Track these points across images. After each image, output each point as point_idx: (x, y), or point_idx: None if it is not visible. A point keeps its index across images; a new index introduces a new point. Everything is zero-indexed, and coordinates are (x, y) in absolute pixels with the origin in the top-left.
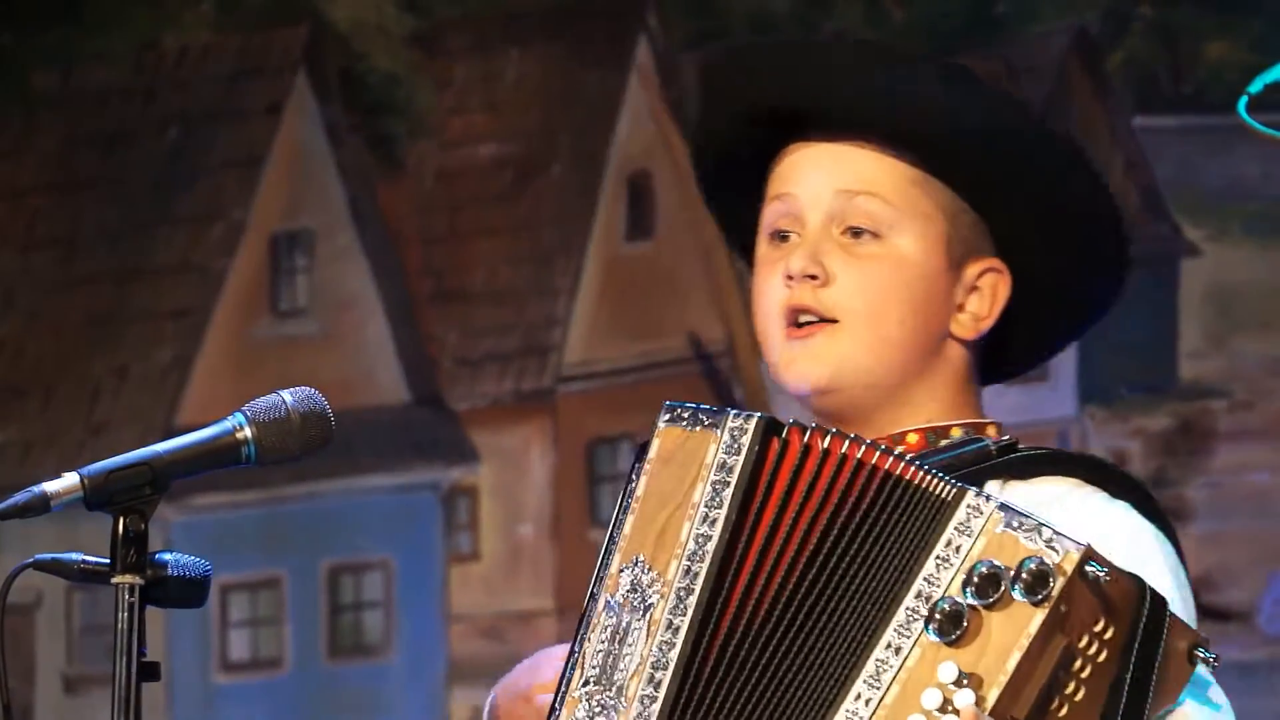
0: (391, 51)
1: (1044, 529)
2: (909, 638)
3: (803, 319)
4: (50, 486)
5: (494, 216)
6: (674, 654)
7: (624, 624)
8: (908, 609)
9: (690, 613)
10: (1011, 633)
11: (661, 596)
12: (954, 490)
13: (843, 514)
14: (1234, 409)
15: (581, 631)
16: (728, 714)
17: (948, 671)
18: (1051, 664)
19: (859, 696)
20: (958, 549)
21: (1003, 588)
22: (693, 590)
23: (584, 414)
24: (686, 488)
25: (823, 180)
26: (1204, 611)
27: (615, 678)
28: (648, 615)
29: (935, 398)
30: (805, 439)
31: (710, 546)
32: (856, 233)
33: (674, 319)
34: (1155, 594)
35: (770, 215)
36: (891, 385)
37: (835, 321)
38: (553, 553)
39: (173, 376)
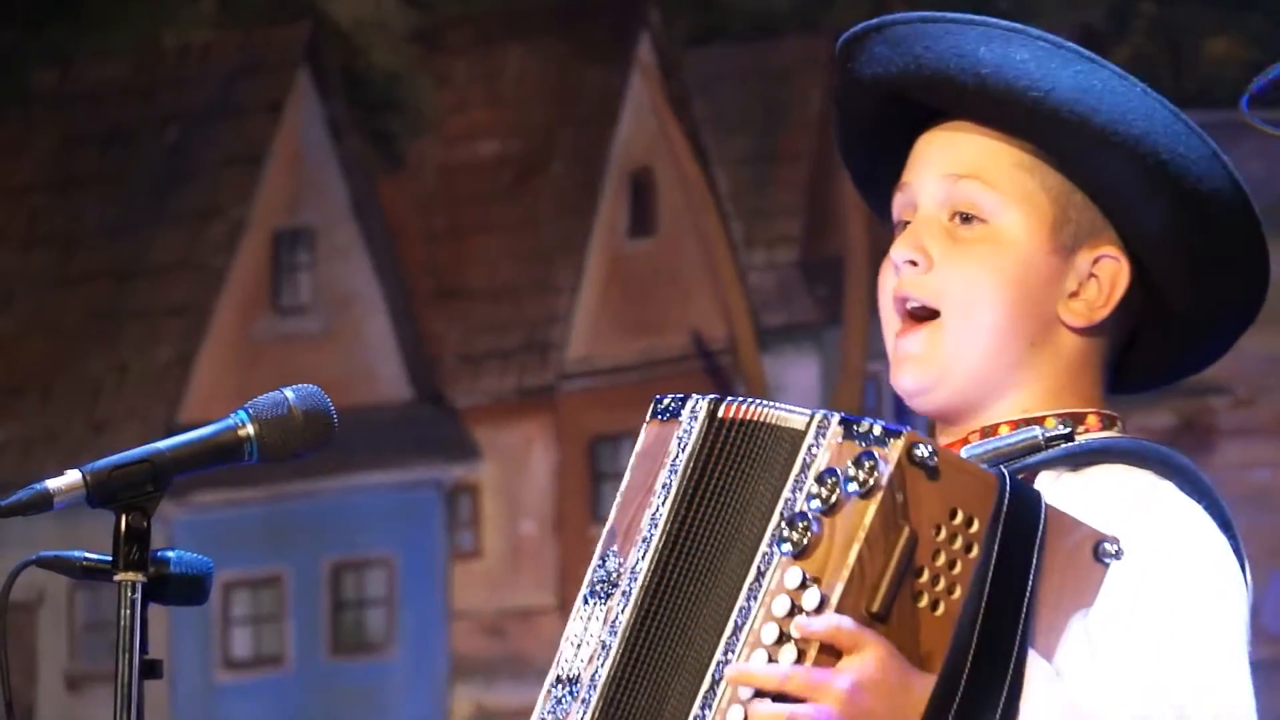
0: (393, 48)
1: (876, 425)
2: (770, 563)
3: (909, 305)
4: (52, 484)
5: (495, 213)
6: (615, 639)
7: (590, 613)
8: (771, 536)
9: (632, 595)
10: (849, 530)
11: (620, 584)
12: (804, 418)
13: (727, 472)
14: (1236, 406)
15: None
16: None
17: (793, 577)
18: (897, 554)
19: (735, 629)
20: (806, 467)
21: (839, 491)
22: (637, 574)
23: (586, 411)
24: (653, 476)
25: (932, 167)
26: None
27: (575, 666)
28: (607, 603)
29: (1038, 384)
30: (728, 412)
31: (656, 530)
32: (965, 218)
33: (676, 316)
34: (1020, 485)
35: (895, 208)
36: (994, 375)
37: (936, 314)
38: (555, 549)
39: (174, 374)
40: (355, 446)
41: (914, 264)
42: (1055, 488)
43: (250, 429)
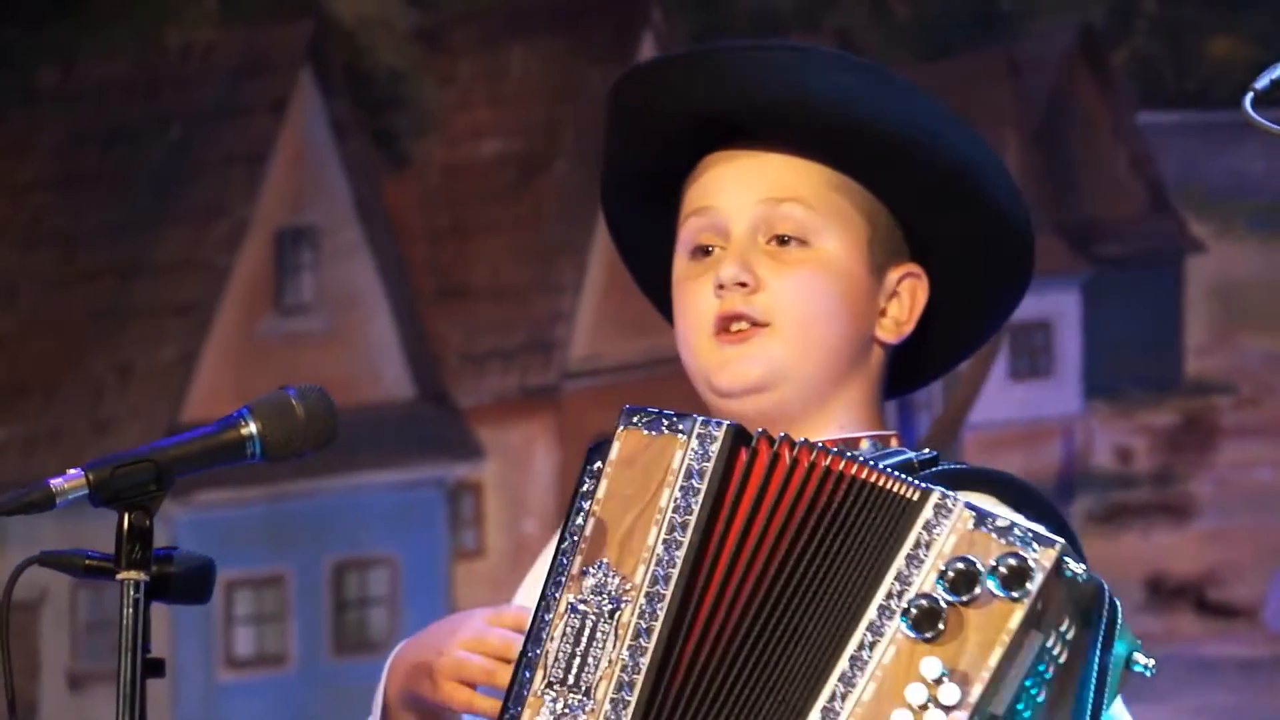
0: (396, 47)
1: (1017, 525)
2: (883, 635)
3: (735, 326)
4: (55, 482)
5: (499, 212)
6: (645, 659)
7: (589, 626)
8: (880, 606)
9: (661, 618)
10: (991, 629)
11: (629, 600)
12: (919, 490)
13: (811, 519)
14: (1239, 405)
15: (536, 630)
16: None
17: (931, 667)
18: (1027, 662)
19: (834, 696)
20: (928, 546)
21: (979, 584)
22: (663, 596)
23: (589, 410)
24: (652, 492)
25: (744, 190)
26: (1209, 608)
27: (582, 679)
28: (615, 618)
29: (852, 405)
30: (774, 448)
31: (680, 553)
32: (783, 240)
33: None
34: (1113, 598)
35: (690, 230)
36: (819, 389)
37: (767, 325)
38: None
39: (177, 373)
40: (358, 446)
41: (743, 284)
42: None
43: (253, 428)
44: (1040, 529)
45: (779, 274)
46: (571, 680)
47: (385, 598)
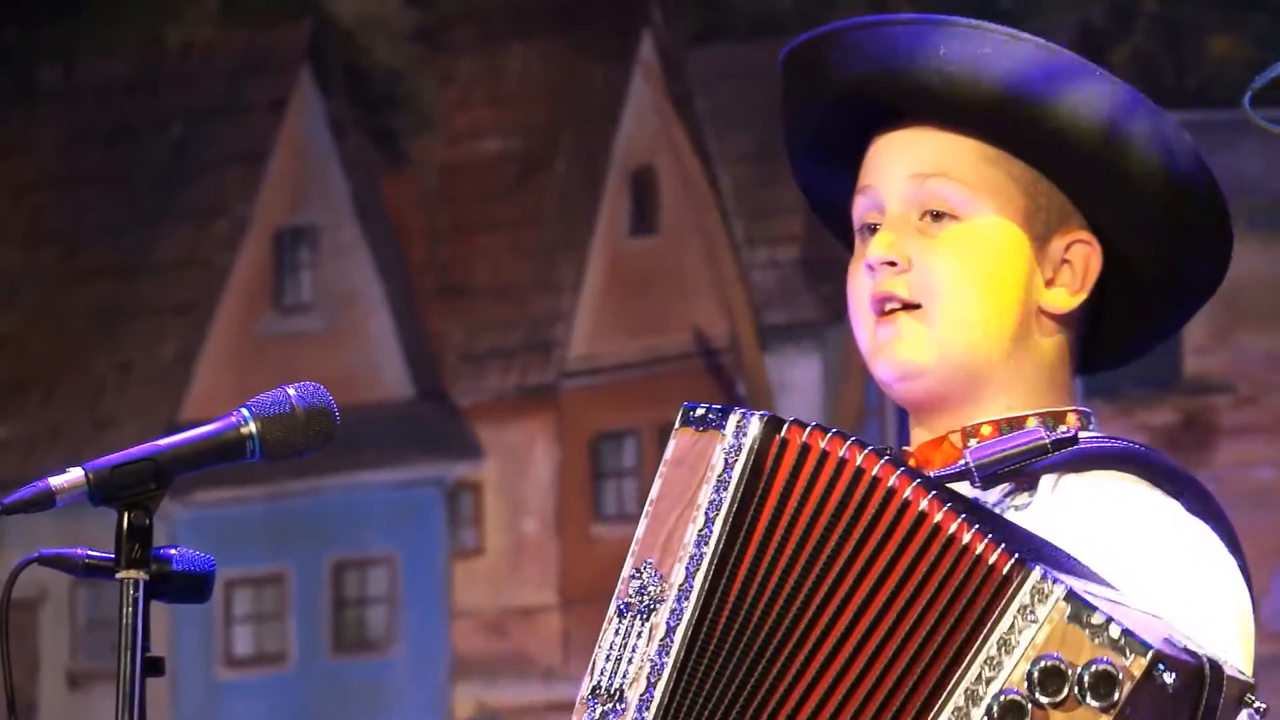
0: (395, 46)
1: (1112, 625)
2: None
3: (888, 306)
4: (55, 481)
5: (498, 211)
6: (669, 658)
7: (629, 628)
8: (968, 690)
9: (685, 615)
10: None
11: (663, 600)
12: (1018, 566)
13: (828, 518)
14: (1238, 404)
15: (599, 639)
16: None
17: None
18: None
19: None
20: (1021, 633)
21: (1067, 688)
22: (689, 593)
23: (588, 409)
24: (693, 490)
25: (896, 168)
26: None
27: (617, 683)
28: (650, 619)
29: (1020, 382)
30: (805, 437)
31: (707, 549)
32: (936, 216)
33: (678, 314)
34: (1215, 671)
35: (857, 210)
36: (980, 367)
37: (918, 306)
38: (557, 548)
39: (176, 372)
40: (357, 444)
41: (892, 264)
42: (1056, 492)
43: (252, 427)
44: (1137, 629)
45: (928, 251)
46: (610, 685)
47: (384, 596)
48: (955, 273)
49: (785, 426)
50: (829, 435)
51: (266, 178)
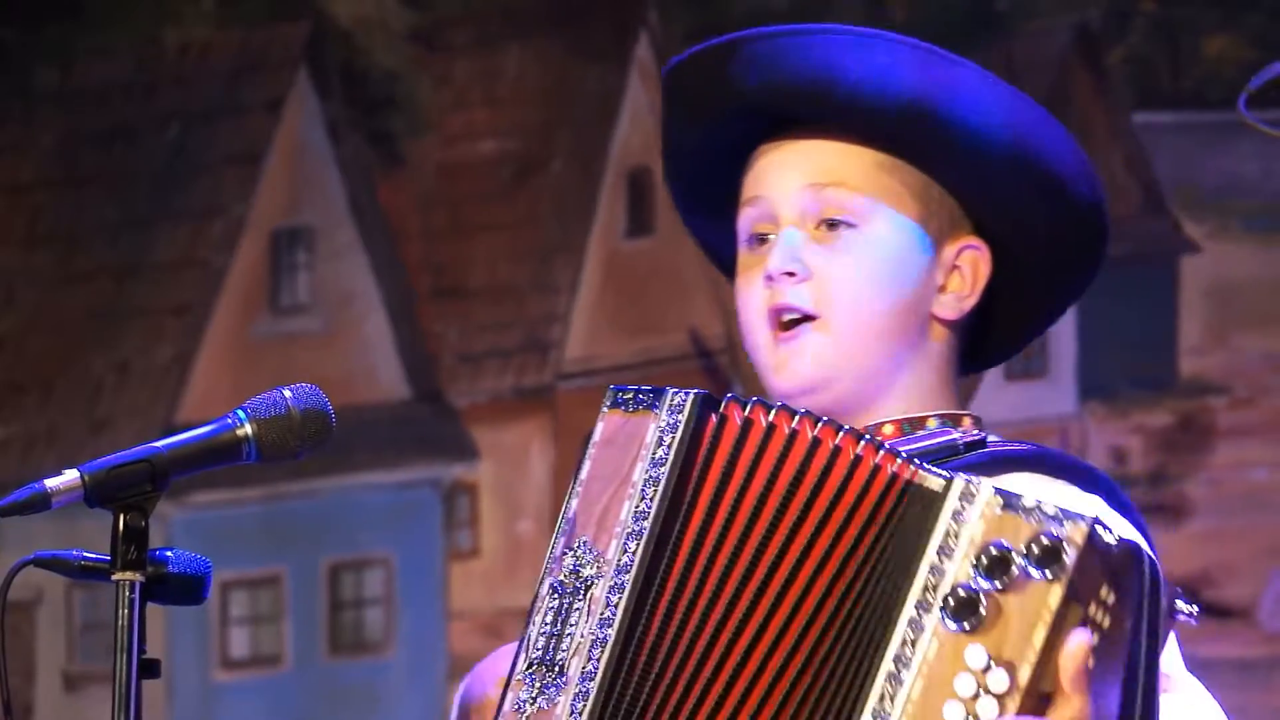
0: (392, 47)
1: (1045, 504)
2: (924, 630)
3: (786, 317)
4: (51, 483)
5: (494, 212)
6: (611, 630)
7: (566, 605)
8: (918, 601)
9: (627, 589)
10: (1032, 611)
11: (601, 575)
12: (942, 480)
13: (802, 491)
14: (1234, 405)
15: (530, 616)
16: (670, 688)
17: (976, 656)
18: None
19: (883, 696)
20: (956, 536)
21: (1014, 568)
22: (629, 567)
23: (584, 410)
24: (627, 467)
25: (791, 178)
26: (1205, 608)
27: (557, 658)
28: (588, 594)
29: (916, 386)
30: (746, 412)
31: (646, 523)
32: (832, 224)
33: (674, 315)
34: (1151, 556)
35: (745, 220)
36: (879, 374)
37: (817, 317)
38: None
39: (173, 373)
40: (353, 446)
41: (791, 274)
42: None
43: (248, 428)
44: (1069, 505)
45: (827, 260)
46: (549, 659)
47: (381, 598)
48: (855, 281)
49: (722, 403)
50: (774, 410)
51: (263, 179)
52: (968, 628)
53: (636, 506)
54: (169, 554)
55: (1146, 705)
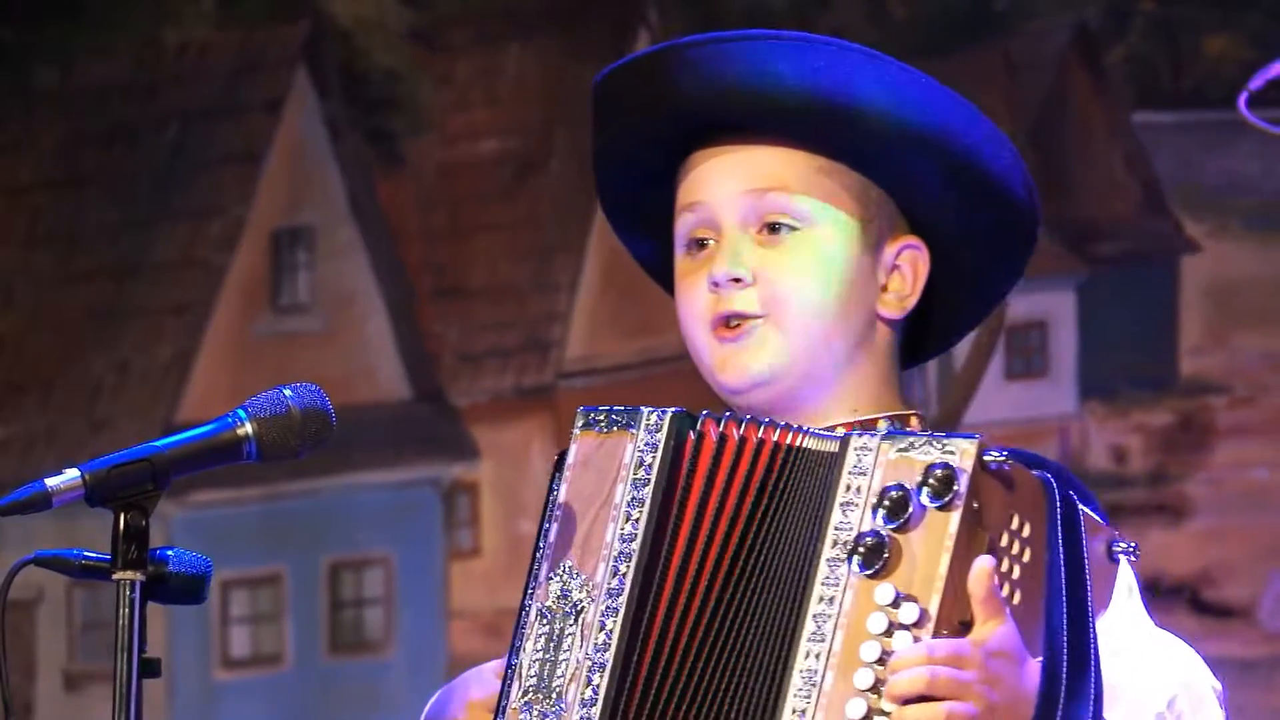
0: (392, 47)
1: (934, 438)
2: (838, 585)
3: (732, 323)
4: (51, 482)
5: (495, 212)
6: (609, 655)
7: (557, 630)
8: (829, 560)
9: (621, 612)
10: (934, 541)
11: (591, 599)
12: (838, 442)
13: (752, 495)
14: (1234, 405)
15: (516, 643)
16: (672, 706)
17: (885, 594)
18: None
19: (807, 654)
20: (859, 490)
21: (911, 505)
22: (621, 590)
23: None
24: (607, 489)
25: (730, 183)
26: (1204, 608)
27: (554, 684)
28: (580, 619)
29: (864, 385)
30: (720, 428)
31: (635, 545)
32: (774, 229)
33: (674, 315)
34: (1063, 489)
35: (684, 226)
36: (823, 373)
37: (763, 317)
38: None
39: (173, 372)
40: (354, 445)
41: (738, 280)
42: None
43: (249, 428)
44: (956, 433)
45: (770, 263)
46: (545, 686)
47: (381, 597)
48: (799, 283)
49: (699, 420)
50: (743, 423)
51: (263, 178)
52: (875, 571)
53: (622, 528)
54: (169, 553)
55: (1076, 636)
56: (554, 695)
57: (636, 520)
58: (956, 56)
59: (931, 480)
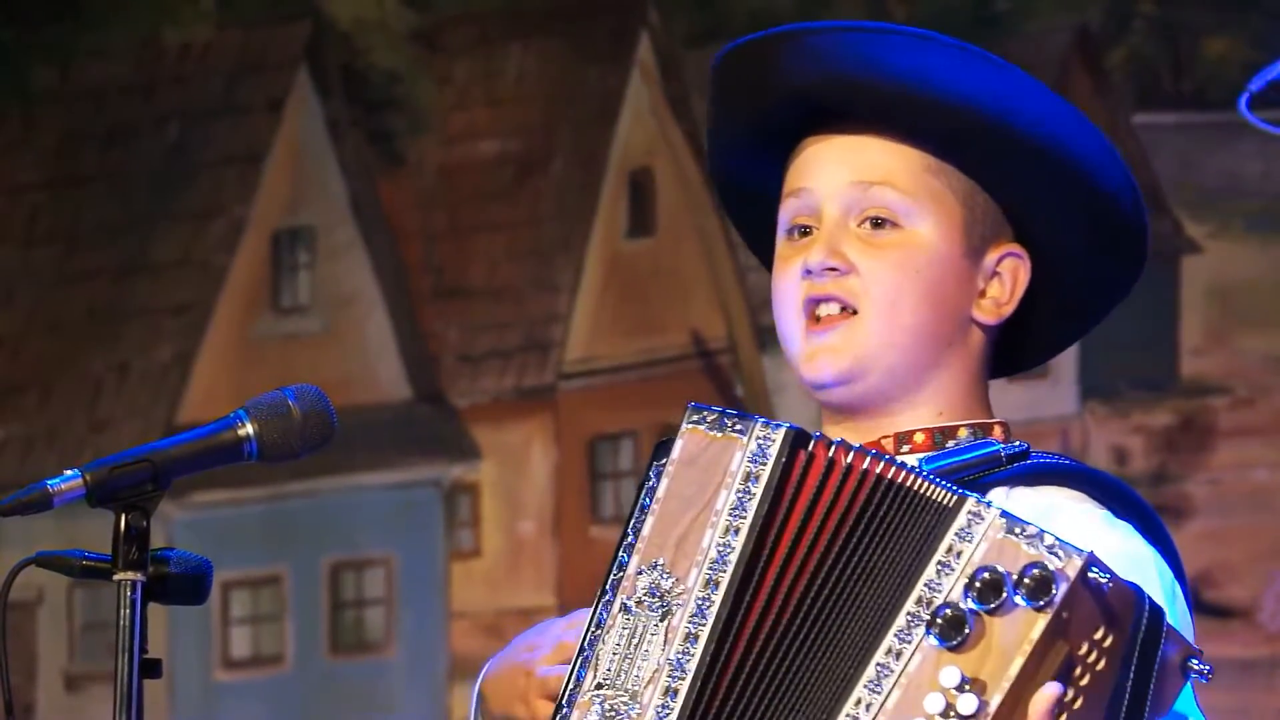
0: (393, 47)
1: (1046, 535)
2: (910, 643)
3: (822, 310)
4: (52, 483)
5: (495, 212)
6: (692, 664)
7: (640, 628)
8: (908, 614)
9: (710, 623)
10: (1014, 638)
11: (681, 604)
12: (955, 497)
13: (849, 525)
14: (1235, 406)
15: (593, 630)
16: None
17: (950, 676)
18: (1053, 670)
19: (859, 701)
20: (959, 554)
21: (1005, 593)
22: (713, 601)
23: (585, 410)
24: (710, 494)
25: (838, 173)
26: (1205, 609)
27: (630, 682)
28: (666, 621)
29: (951, 388)
30: (830, 453)
31: (733, 557)
32: (876, 223)
33: (675, 315)
34: (1153, 603)
35: (788, 211)
36: (911, 374)
37: (855, 312)
38: (554, 549)
39: (174, 373)
40: (355, 446)
41: (833, 269)
42: (1008, 501)
43: (250, 428)
44: (1069, 538)
45: (870, 257)
46: (621, 682)
47: (382, 598)
48: (895, 280)
49: (811, 441)
50: (853, 452)
51: (264, 179)
52: (950, 646)
53: (720, 538)
54: (170, 554)
55: None
56: (629, 692)
57: (737, 531)
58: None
59: (1029, 578)
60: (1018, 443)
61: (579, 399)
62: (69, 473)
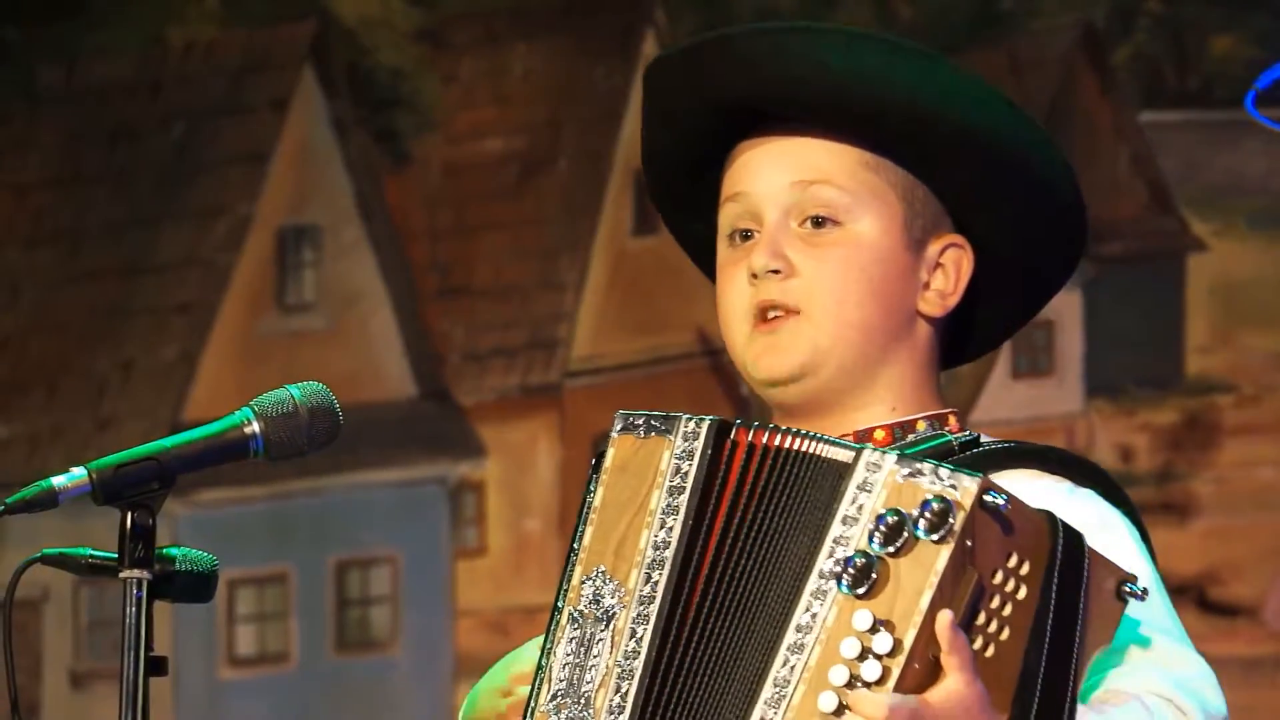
0: (398, 46)
1: (942, 469)
2: (824, 599)
3: (770, 314)
4: (58, 481)
5: (501, 211)
6: (638, 663)
7: (588, 635)
8: (820, 572)
9: (652, 621)
10: (920, 573)
11: (624, 606)
12: (851, 453)
13: (767, 502)
14: (1240, 404)
15: (547, 645)
16: (681, 713)
17: (863, 619)
18: (964, 600)
19: (785, 663)
20: (861, 506)
21: (906, 532)
22: (653, 598)
23: (591, 409)
24: (643, 495)
25: (776, 175)
26: (1211, 607)
27: (583, 690)
28: (611, 625)
29: (902, 383)
30: (750, 437)
31: (668, 553)
32: (817, 222)
33: (681, 313)
34: (1069, 527)
35: (727, 216)
36: (861, 370)
37: (799, 312)
38: (559, 547)
39: (179, 371)
40: (360, 444)
41: (777, 272)
42: None
43: (255, 426)
44: (965, 470)
45: (812, 257)
46: (574, 691)
47: (387, 596)
48: (840, 278)
49: (734, 429)
50: (778, 433)
51: (268, 177)
52: (861, 593)
53: (656, 536)
54: (176, 552)
55: (1053, 679)
56: (582, 700)
57: (670, 529)
58: (962, 56)
59: (928, 513)
60: (968, 432)
61: (584, 397)
62: (74, 471)
